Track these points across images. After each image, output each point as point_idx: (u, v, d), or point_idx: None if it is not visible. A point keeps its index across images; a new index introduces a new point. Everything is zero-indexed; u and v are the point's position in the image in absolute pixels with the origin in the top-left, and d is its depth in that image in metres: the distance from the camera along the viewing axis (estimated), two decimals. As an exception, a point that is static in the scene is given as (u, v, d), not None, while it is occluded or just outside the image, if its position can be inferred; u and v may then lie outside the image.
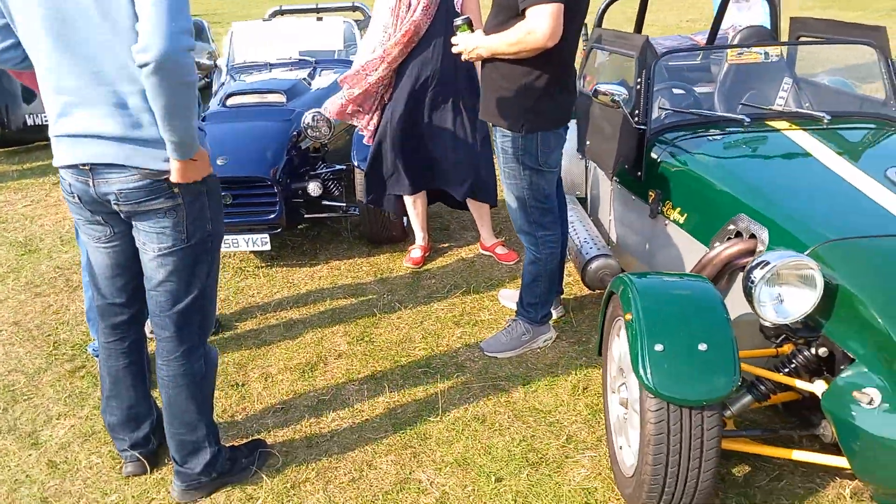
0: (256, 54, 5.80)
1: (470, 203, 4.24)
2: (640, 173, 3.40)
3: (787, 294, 2.20)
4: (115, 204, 2.10)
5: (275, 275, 4.24)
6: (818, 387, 2.17)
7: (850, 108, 3.66)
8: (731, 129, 3.32)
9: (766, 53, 4.12)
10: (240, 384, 3.17)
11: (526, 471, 2.56)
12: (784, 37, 4.37)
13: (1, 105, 6.98)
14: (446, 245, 4.54)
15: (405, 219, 4.48)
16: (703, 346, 2.06)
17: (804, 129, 3.18)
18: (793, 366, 2.30)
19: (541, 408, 2.91)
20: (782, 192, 2.72)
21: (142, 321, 2.47)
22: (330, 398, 3.04)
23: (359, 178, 4.26)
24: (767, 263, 2.16)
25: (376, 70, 3.86)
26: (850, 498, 2.35)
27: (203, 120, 4.58)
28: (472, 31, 2.99)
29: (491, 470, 2.57)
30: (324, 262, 4.39)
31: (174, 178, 2.05)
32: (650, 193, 3.31)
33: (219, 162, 4.05)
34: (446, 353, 3.34)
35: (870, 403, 2.00)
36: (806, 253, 2.35)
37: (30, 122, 7.15)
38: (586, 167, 4.32)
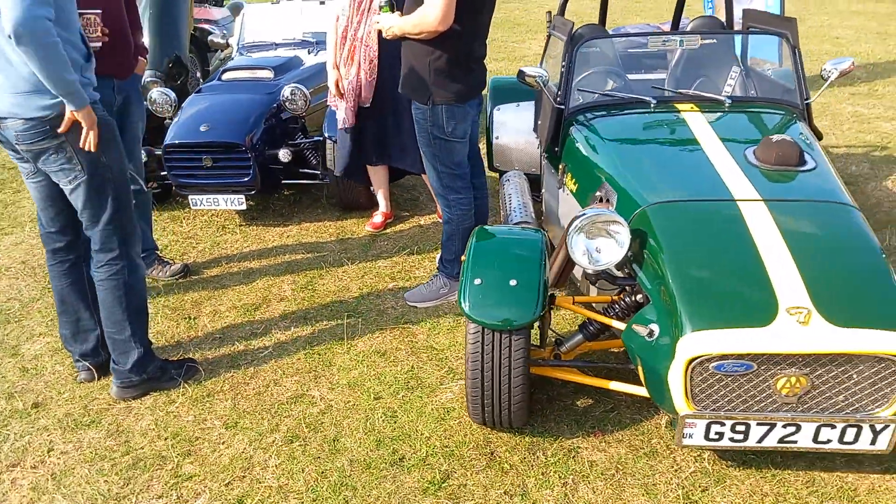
0: (264, 34, 6.37)
1: (424, 177, 4.70)
2: (556, 149, 3.82)
3: (602, 245, 2.62)
4: (17, 145, 2.68)
5: (250, 232, 4.81)
6: (622, 325, 2.59)
7: (774, 94, 3.92)
8: (637, 111, 3.68)
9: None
10: (192, 317, 3.76)
11: (402, 392, 3.06)
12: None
13: None
14: (409, 213, 5.02)
15: (373, 189, 4.97)
16: (513, 282, 2.52)
17: (702, 111, 3.53)
18: (616, 309, 2.72)
19: (436, 347, 3.39)
20: (642, 163, 3.13)
21: (78, 246, 3.04)
22: (261, 331, 3.59)
23: (330, 149, 4.78)
24: (583, 216, 2.59)
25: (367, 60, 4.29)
26: (665, 427, 2.76)
27: (199, 92, 5.21)
28: (394, 12, 3.46)
29: (374, 391, 3.08)
30: (296, 224, 4.94)
31: (64, 126, 2.58)
32: (560, 166, 3.73)
33: (202, 128, 4.65)
34: (374, 301, 3.84)
35: (649, 336, 2.42)
36: (635, 212, 2.76)
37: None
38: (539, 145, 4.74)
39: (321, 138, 4.92)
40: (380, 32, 3.83)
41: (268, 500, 2.52)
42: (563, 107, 3.80)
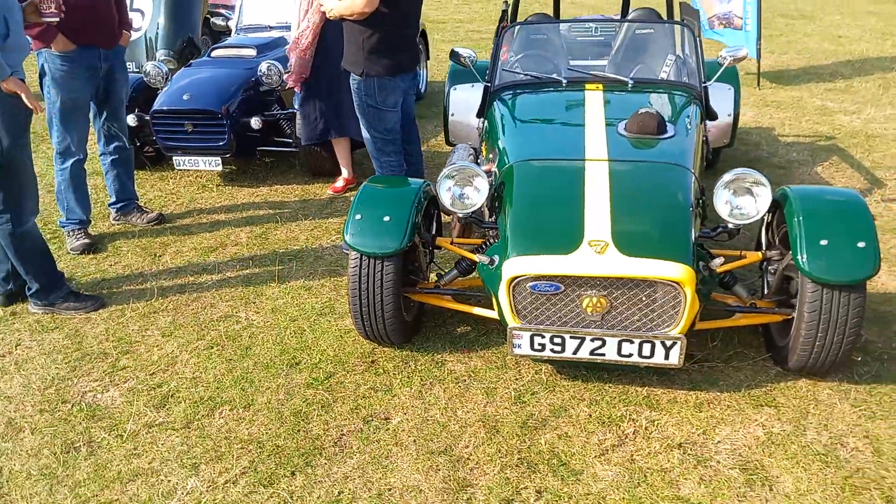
0: (260, 18, 7.02)
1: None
2: (485, 123, 4.37)
3: (467, 192, 3.19)
4: None
5: (225, 191, 5.47)
6: (480, 258, 3.15)
7: (678, 78, 4.40)
8: (550, 89, 4.20)
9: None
10: (157, 255, 4.42)
11: (315, 317, 3.67)
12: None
13: None
14: (370, 180, 5.62)
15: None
16: (387, 218, 3.10)
17: (604, 90, 4.05)
18: (482, 249, 3.29)
19: (355, 285, 3.97)
20: (529, 131, 3.70)
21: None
22: (211, 268, 4.23)
23: (299, 120, 5.40)
24: (450, 167, 3.16)
25: (306, 37, 4.93)
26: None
27: (189, 66, 5.88)
28: (337, -6, 4.06)
29: (292, 315, 3.69)
30: (267, 186, 5.58)
31: None
32: (483, 138, 4.29)
33: (184, 97, 5.31)
34: (315, 250, 4.45)
35: (490, 264, 2.99)
36: (504, 168, 3.33)
37: None
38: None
39: (293, 110, 5.54)
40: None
41: (181, 386, 3.15)
42: (489, 84, 4.35)
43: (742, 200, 2.99)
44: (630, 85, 4.12)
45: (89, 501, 2.55)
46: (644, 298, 2.77)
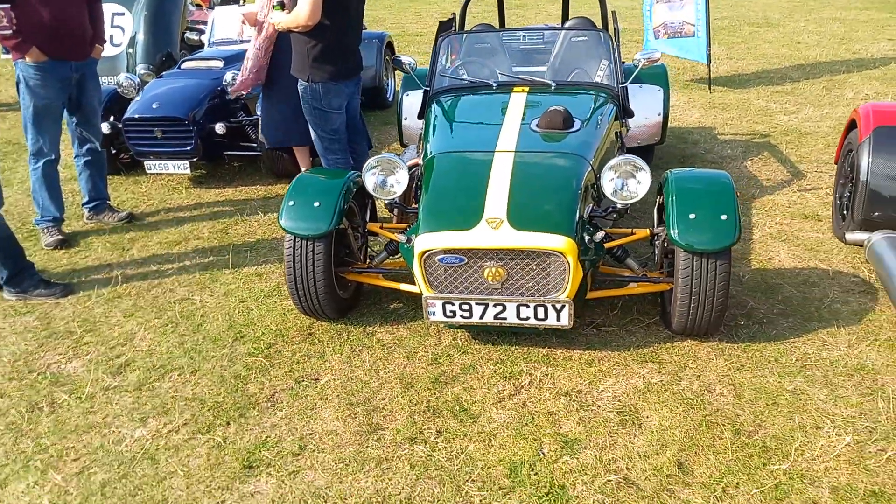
0: (230, 32, 7.47)
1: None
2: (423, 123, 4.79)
3: (390, 181, 3.61)
4: None
5: (193, 192, 5.89)
6: (400, 238, 3.57)
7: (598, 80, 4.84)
8: (483, 92, 4.62)
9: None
10: (125, 248, 4.83)
11: (262, 298, 4.07)
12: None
13: None
14: (329, 180, 6.04)
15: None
16: (317, 203, 3.52)
17: (529, 93, 4.47)
18: (407, 232, 3.70)
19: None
20: (452, 128, 4.12)
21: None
22: (173, 259, 4.65)
23: (261, 126, 5.82)
24: (374, 158, 3.59)
25: (266, 50, 5.36)
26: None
27: (160, 77, 6.32)
28: (283, 10, 4.50)
29: (242, 297, 4.10)
30: (233, 187, 6.00)
31: None
32: (420, 137, 4.71)
33: (153, 106, 5.74)
34: (270, 242, 4.86)
35: (408, 243, 3.41)
36: (427, 159, 3.75)
37: None
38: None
39: (257, 116, 5.97)
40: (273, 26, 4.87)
41: (137, 357, 3.56)
42: (429, 88, 4.78)
43: (629, 182, 3.41)
44: (553, 87, 4.55)
45: (49, 449, 2.95)
46: (535, 267, 3.18)
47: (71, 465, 2.84)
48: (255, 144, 6.02)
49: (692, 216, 3.21)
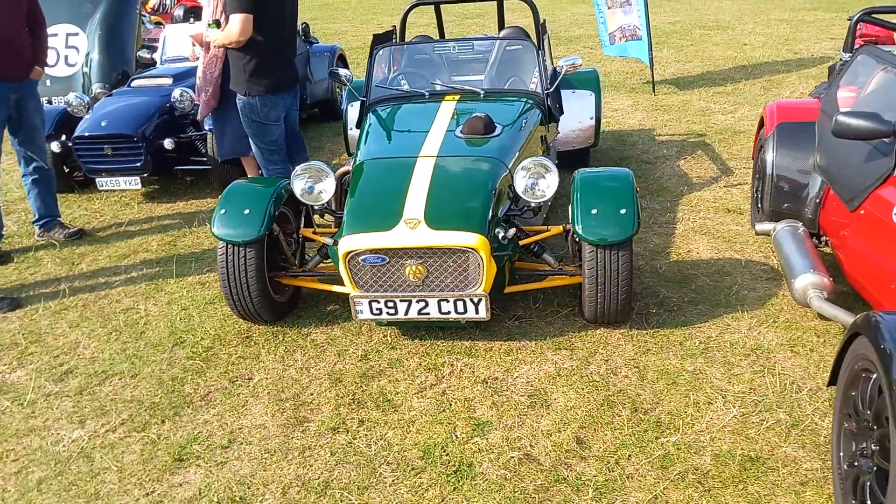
0: (181, 50, 7.64)
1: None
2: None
3: (317, 187, 3.82)
4: None
5: (145, 207, 6.05)
6: (327, 241, 3.77)
7: (523, 87, 5.08)
8: (415, 101, 4.84)
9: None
10: (74, 263, 4.98)
11: (204, 305, 4.25)
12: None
13: None
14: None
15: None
16: (247, 211, 3.72)
17: (459, 101, 4.69)
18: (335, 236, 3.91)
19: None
20: (382, 136, 4.33)
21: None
22: (121, 271, 4.81)
23: (211, 140, 6.01)
24: (300, 166, 3.79)
25: (217, 67, 5.52)
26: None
27: (110, 95, 6.49)
28: (218, 28, 4.70)
29: (185, 305, 4.27)
30: (184, 201, 6.17)
31: None
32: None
33: (102, 123, 5.91)
34: (213, 251, 5.02)
35: (335, 244, 3.61)
36: (356, 165, 3.96)
37: None
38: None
39: (207, 131, 6.15)
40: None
41: (80, 364, 3.73)
42: (365, 99, 5.00)
43: (539, 182, 3.65)
44: (482, 95, 4.79)
45: (-9, 452, 3.11)
46: (452, 264, 3.40)
47: (10, 465, 3.01)
48: (205, 159, 6.19)
49: (594, 211, 3.45)
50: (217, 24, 4.73)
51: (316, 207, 3.92)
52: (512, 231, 3.57)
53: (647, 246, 4.68)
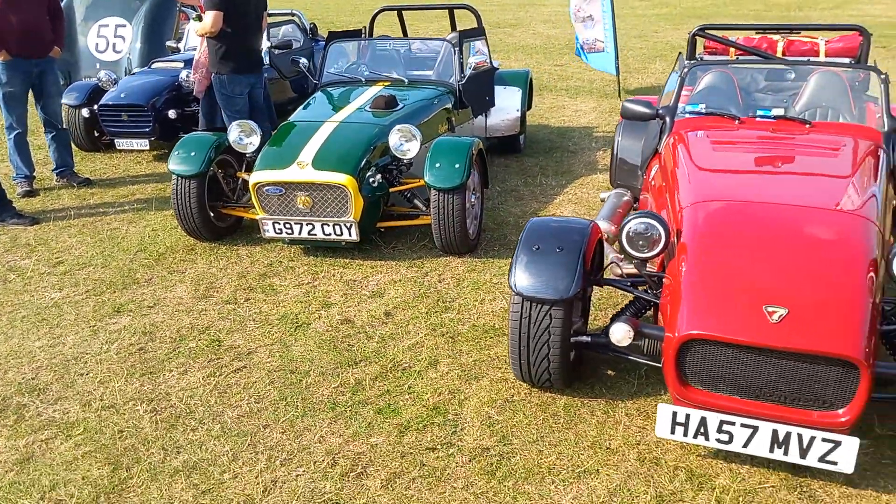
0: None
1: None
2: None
3: (248, 140, 5.20)
4: None
5: (152, 164, 7.57)
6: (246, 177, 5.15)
7: (444, 78, 6.39)
8: (355, 86, 6.20)
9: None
10: (85, 199, 6.49)
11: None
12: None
13: None
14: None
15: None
16: (193, 153, 5.12)
17: (385, 86, 6.05)
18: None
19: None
20: (308, 108, 5.70)
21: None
22: (116, 205, 6.29)
23: (201, 113, 7.47)
24: (239, 121, 5.19)
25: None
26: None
27: (132, 74, 8.06)
28: (200, 21, 6.16)
29: (151, 224, 5.72)
30: (183, 162, 7.64)
31: None
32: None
33: (122, 95, 7.46)
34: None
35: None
36: (280, 127, 5.35)
37: None
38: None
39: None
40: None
41: (69, 259, 5.18)
42: (316, 83, 6.40)
43: (405, 144, 4.96)
44: (406, 82, 6.13)
45: (-4, 302, 4.57)
46: (330, 197, 4.73)
47: (7, 308, 4.46)
48: (205, 129, 7.66)
49: (437, 165, 4.74)
50: (200, 18, 6.18)
51: (247, 155, 5.30)
52: (379, 177, 4.88)
53: (525, 209, 5.91)
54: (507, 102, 7.20)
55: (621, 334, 2.89)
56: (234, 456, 3.06)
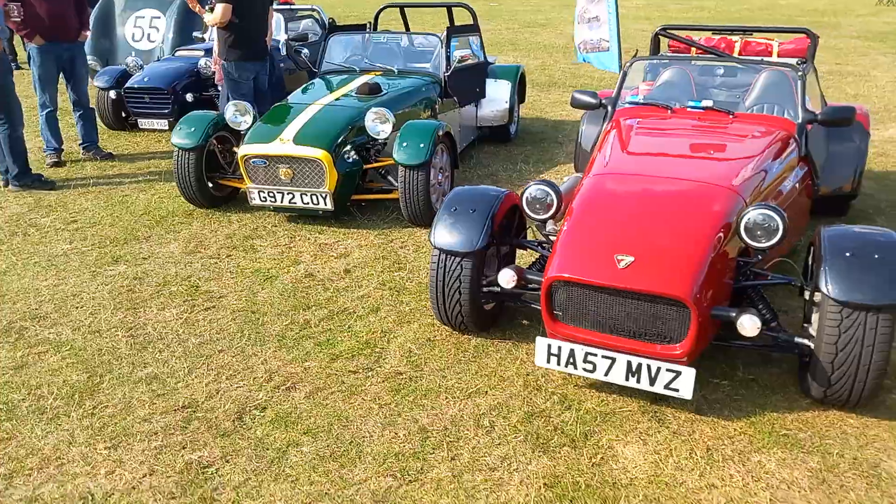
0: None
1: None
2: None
3: (242, 119, 5.86)
4: None
5: (167, 144, 8.29)
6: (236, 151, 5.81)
7: (430, 69, 6.98)
8: (346, 76, 6.83)
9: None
10: (105, 171, 7.23)
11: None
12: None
13: None
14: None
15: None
16: (192, 129, 5.79)
17: (376, 75, 6.68)
18: (256, 152, 5.95)
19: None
20: (306, 91, 6.34)
21: None
22: (134, 177, 7.01)
23: (221, 97, 8.18)
24: (235, 101, 5.85)
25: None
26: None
27: (157, 60, 8.82)
28: (212, 13, 6.85)
29: (158, 192, 6.42)
30: (199, 142, 8.37)
31: None
32: (305, 101, 6.95)
33: (145, 79, 8.21)
34: (202, 172, 7.18)
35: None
36: (273, 107, 6.00)
37: None
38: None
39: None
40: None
41: (83, 218, 5.89)
42: (316, 71, 7.05)
43: (378, 126, 5.56)
44: (396, 72, 6.75)
45: (12, 254, 5.29)
46: (308, 170, 5.36)
47: (24, 256, 5.17)
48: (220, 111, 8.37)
49: (405, 144, 5.33)
50: (211, 9, 6.87)
51: (242, 132, 5.95)
52: (353, 153, 5.49)
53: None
54: (497, 94, 7.75)
55: (506, 278, 3.44)
56: (189, 371, 3.68)
